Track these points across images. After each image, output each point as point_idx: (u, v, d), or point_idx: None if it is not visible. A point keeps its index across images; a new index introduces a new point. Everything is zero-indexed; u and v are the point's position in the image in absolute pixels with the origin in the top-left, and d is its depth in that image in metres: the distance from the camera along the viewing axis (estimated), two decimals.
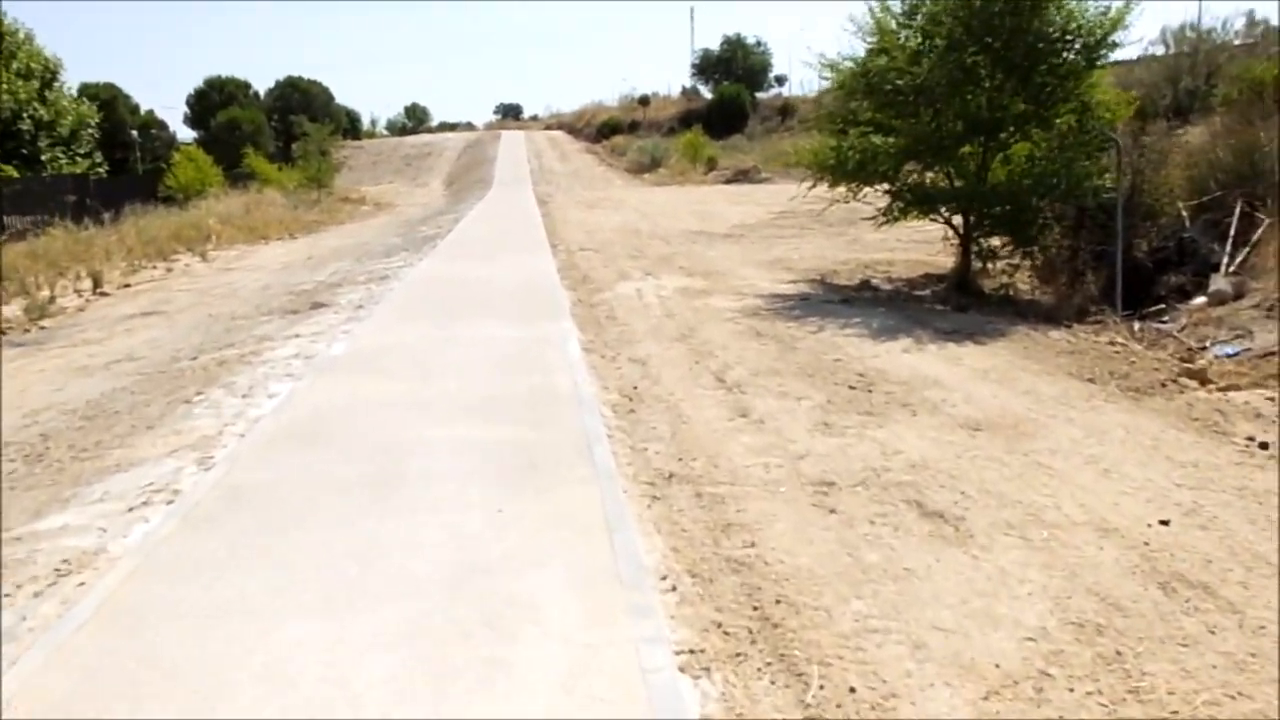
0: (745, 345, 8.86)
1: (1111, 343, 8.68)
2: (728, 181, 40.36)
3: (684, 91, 64.04)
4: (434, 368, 7.95)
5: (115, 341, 11.42)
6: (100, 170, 38.83)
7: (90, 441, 6.88)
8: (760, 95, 59.11)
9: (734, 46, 60.67)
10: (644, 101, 61.14)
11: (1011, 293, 11.97)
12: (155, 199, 33.81)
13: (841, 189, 12.39)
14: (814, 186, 12.58)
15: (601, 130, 58.82)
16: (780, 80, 63.02)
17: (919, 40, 11.09)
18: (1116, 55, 11.95)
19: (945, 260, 14.63)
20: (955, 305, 11.10)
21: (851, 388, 7.27)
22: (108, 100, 55.78)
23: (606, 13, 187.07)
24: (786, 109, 56.06)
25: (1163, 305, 10.38)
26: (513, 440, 5.93)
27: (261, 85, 63.79)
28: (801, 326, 9.69)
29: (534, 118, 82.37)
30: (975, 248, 11.87)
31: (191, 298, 14.99)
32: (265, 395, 7.57)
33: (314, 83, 62.69)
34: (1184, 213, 11.56)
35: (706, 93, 61.10)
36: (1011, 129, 11.21)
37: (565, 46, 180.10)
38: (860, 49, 11.95)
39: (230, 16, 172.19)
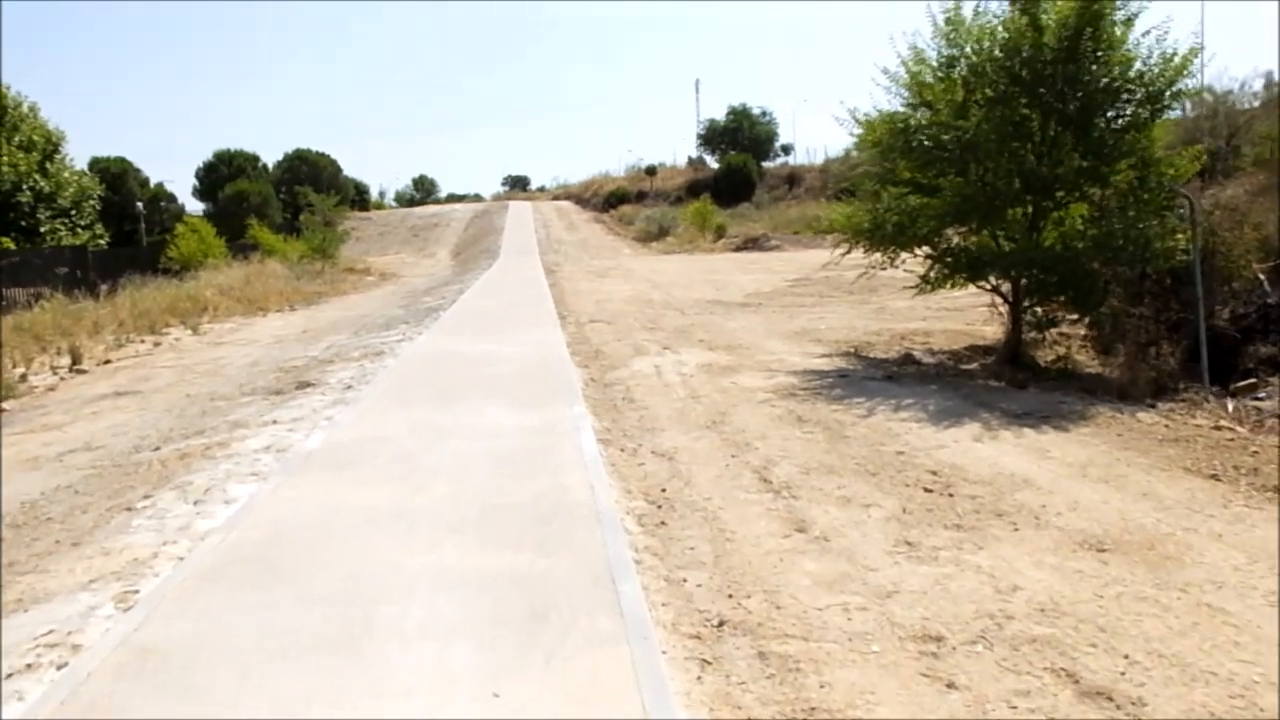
0: (787, 434, 7.54)
1: (1216, 427, 7.35)
2: (737, 249, 39.41)
3: (690, 161, 63.70)
4: (423, 467, 6.63)
5: (78, 427, 10.16)
6: (101, 242, 38.00)
7: (4, 562, 5.57)
8: (766, 164, 58.60)
9: (740, 117, 60.36)
10: (651, 171, 60.66)
11: (1069, 365, 10.69)
12: (156, 270, 32.91)
13: (877, 255, 11.20)
14: (848, 253, 11.39)
15: (609, 200, 58.20)
16: (786, 149, 62.67)
17: (963, 93, 9.97)
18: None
19: (986, 329, 13.40)
20: (1011, 380, 9.81)
21: (927, 490, 5.93)
22: (118, 173, 55.49)
23: (613, 85, 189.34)
24: (793, 177, 55.53)
25: (1253, 379, 9.08)
26: (515, 573, 4.58)
27: (270, 158, 63.68)
28: (848, 409, 8.38)
29: (541, 189, 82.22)
30: (1030, 316, 10.60)
31: (173, 375, 13.77)
32: (221, 501, 6.25)
33: (322, 155, 62.39)
34: (1261, 276, 10.33)
35: (713, 163, 60.66)
36: (1068, 187, 10.02)
37: (572, 119, 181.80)
38: (893, 104, 10.89)
39: (241, 91, 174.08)
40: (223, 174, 57.45)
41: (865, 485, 6.09)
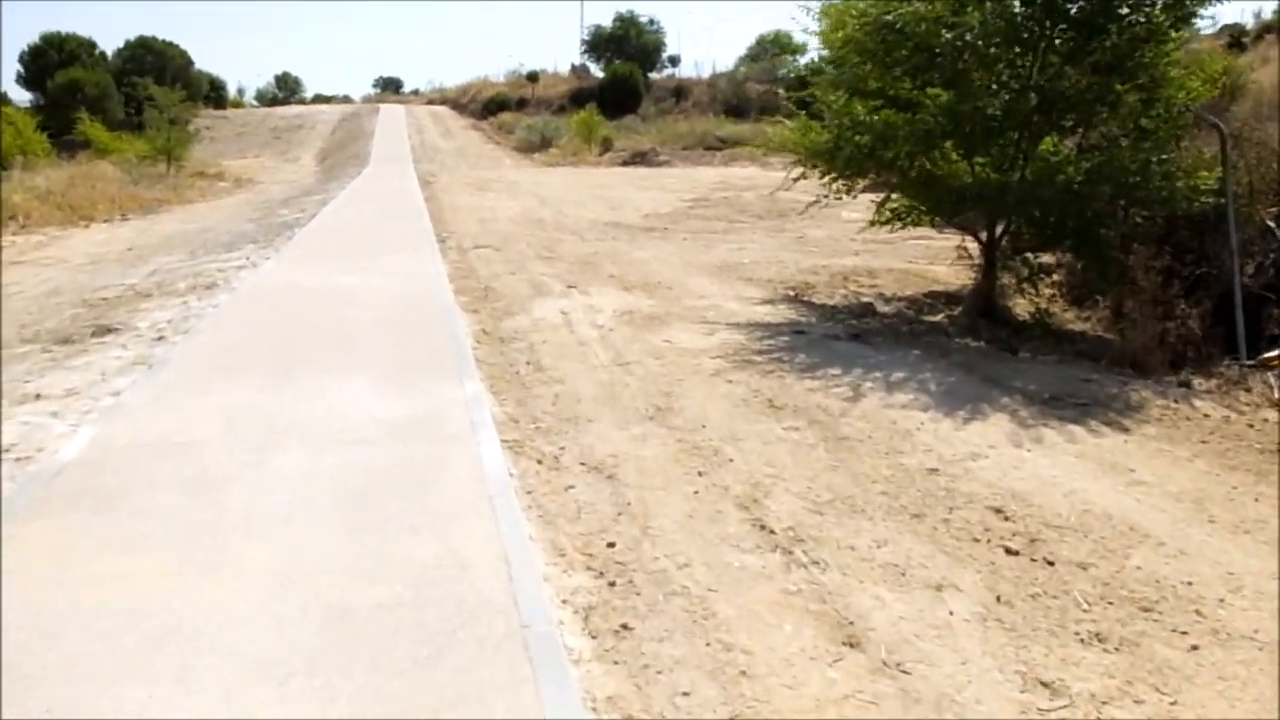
0: (765, 431, 5.41)
1: None
2: (624, 164, 36.73)
3: (574, 69, 59.62)
4: (232, 511, 4.15)
5: None
6: None
7: None
8: (653, 76, 55.36)
9: (627, 24, 56.53)
10: (533, 78, 56.50)
11: (1049, 320, 8.93)
12: None
13: (831, 181, 9.09)
14: (801, 177, 9.24)
15: (488, 107, 53.96)
16: (674, 61, 59.24)
17: None
18: None
19: (936, 270, 11.60)
20: (991, 338, 8.04)
21: (1011, 552, 3.91)
22: None
23: None
24: (680, 90, 52.59)
25: None
26: None
27: (110, 45, 56.33)
28: (827, 387, 6.30)
29: (415, 92, 76.40)
30: (1017, 263, 8.71)
31: None
32: None
33: (170, 44, 55.24)
34: (1270, 223, 8.70)
35: (598, 71, 57.00)
36: (1074, 108, 8.04)
37: (449, 19, 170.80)
38: None
39: None
40: (52, 60, 50.31)
41: (915, 539, 4.02)
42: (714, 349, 7.37)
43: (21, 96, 51.82)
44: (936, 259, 12.37)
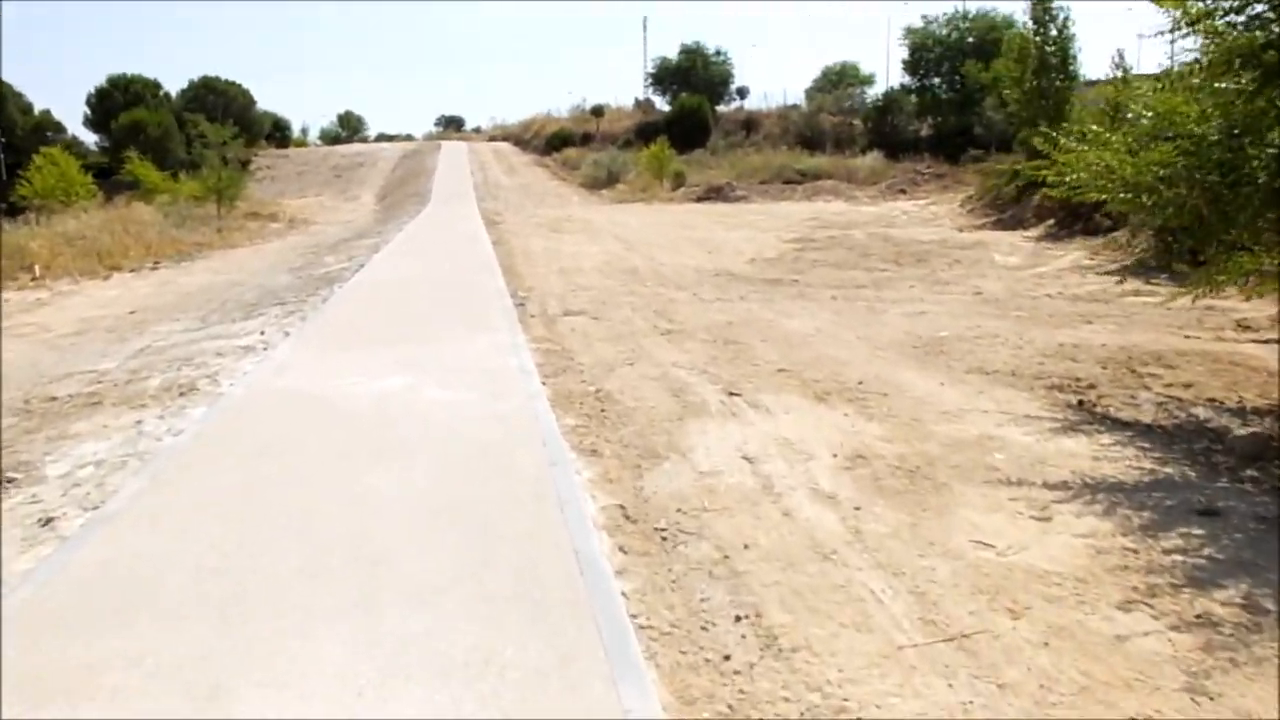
0: None
1: None
2: (699, 200, 33.11)
3: (638, 103, 56.25)
4: None
5: None
6: None
7: None
8: (721, 109, 51.76)
9: (693, 56, 53.13)
10: (597, 112, 53.24)
11: None
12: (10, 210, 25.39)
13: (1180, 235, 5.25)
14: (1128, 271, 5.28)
15: (551, 142, 50.82)
16: (742, 93, 55.45)
17: None
18: None
19: (1245, 350, 7.63)
20: None
21: None
22: None
23: (554, 24, 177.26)
24: (750, 123, 48.96)
25: None
26: None
27: (175, 86, 54.51)
28: None
29: (477, 129, 73.81)
30: None
31: None
32: None
33: (232, 84, 53.08)
34: None
35: (663, 105, 53.62)
36: None
37: (511, 58, 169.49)
38: None
39: (142, 14, 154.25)
40: (118, 102, 48.47)
41: None
42: (1092, 571, 3.55)
43: (89, 138, 50.25)
44: (1204, 329, 8.43)
